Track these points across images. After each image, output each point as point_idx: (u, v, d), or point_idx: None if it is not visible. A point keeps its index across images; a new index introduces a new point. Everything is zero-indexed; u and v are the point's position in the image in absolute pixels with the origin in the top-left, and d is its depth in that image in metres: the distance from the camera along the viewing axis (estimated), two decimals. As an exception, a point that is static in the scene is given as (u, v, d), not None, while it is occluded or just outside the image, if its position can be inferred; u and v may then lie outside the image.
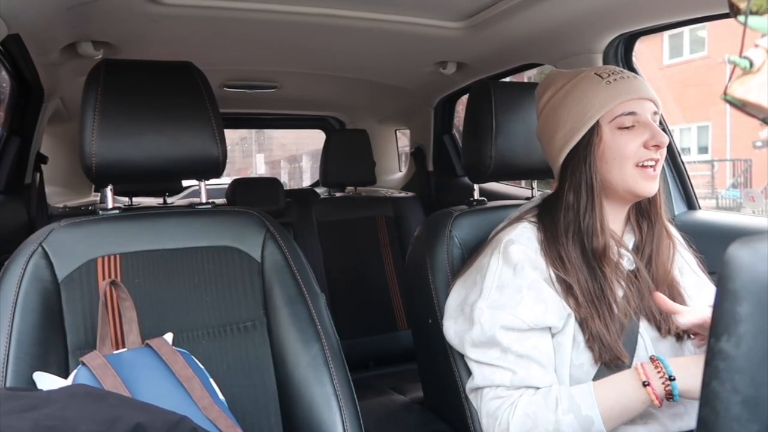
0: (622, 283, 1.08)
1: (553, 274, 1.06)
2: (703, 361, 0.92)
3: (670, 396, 0.95)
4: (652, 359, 0.97)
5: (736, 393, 0.42)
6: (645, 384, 0.95)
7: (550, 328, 1.05)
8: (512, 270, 1.07)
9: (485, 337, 1.05)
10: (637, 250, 1.14)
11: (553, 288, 1.06)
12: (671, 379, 0.94)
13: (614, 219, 1.13)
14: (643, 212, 1.16)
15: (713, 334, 0.44)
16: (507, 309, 1.04)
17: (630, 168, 1.06)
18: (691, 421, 1.05)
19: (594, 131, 1.08)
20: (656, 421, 1.04)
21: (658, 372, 0.95)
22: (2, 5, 1.21)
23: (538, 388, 1.03)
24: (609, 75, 1.10)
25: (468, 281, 1.17)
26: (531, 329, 1.03)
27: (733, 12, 0.59)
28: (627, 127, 1.07)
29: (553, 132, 1.14)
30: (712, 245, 1.09)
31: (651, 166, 1.06)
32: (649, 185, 1.07)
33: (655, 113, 1.10)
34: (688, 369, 0.95)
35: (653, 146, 1.05)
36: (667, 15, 1.46)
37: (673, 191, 1.74)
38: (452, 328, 1.16)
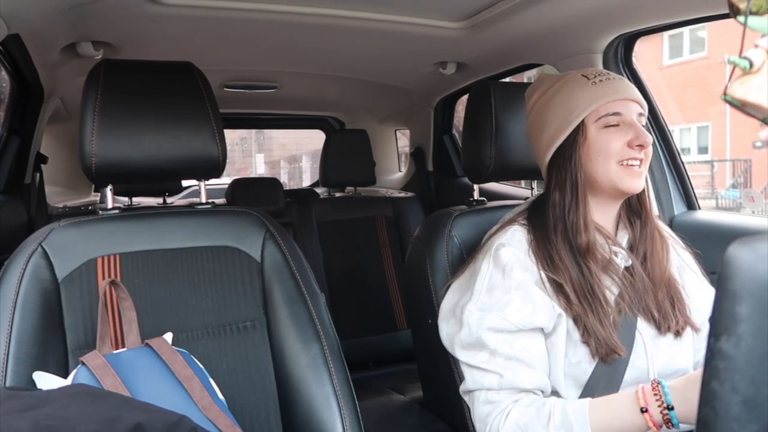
0: (617, 280, 1.09)
1: (543, 275, 1.07)
2: (699, 381, 0.91)
3: (669, 423, 0.92)
4: (653, 383, 0.95)
5: (736, 393, 0.42)
6: (643, 410, 0.93)
7: (542, 329, 1.05)
8: (501, 272, 1.07)
9: (473, 339, 1.06)
10: (632, 248, 1.14)
11: (544, 289, 1.06)
12: (669, 408, 0.92)
13: (604, 217, 1.14)
14: (633, 212, 1.17)
15: (713, 334, 0.44)
16: (495, 311, 1.04)
17: (613, 165, 1.07)
18: (691, 422, 1.06)
19: (579, 130, 1.09)
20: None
21: (657, 398, 0.93)
22: (2, 5, 1.21)
23: (526, 391, 1.02)
24: (595, 76, 1.12)
25: (462, 284, 1.17)
26: (519, 330, 1.03)
27: (733, 12, 0.59)
28: (612, 126, 1.08)
29: (540, 132, 1.16)
30: (712, 245, 1.09)
31: (635, 165, 1.07)
32: (634, 182, 1.08)
33: (641, 115, 1.11)
34: (684, 393, 0.92)
35: (637, 146, 1.06)
36: (667, 15, 1.46)
37: (672, 191, 1.74)
38: (445, 330, 1.16)
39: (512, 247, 1.09)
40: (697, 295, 1.15)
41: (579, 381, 1.05)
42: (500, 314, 1.04)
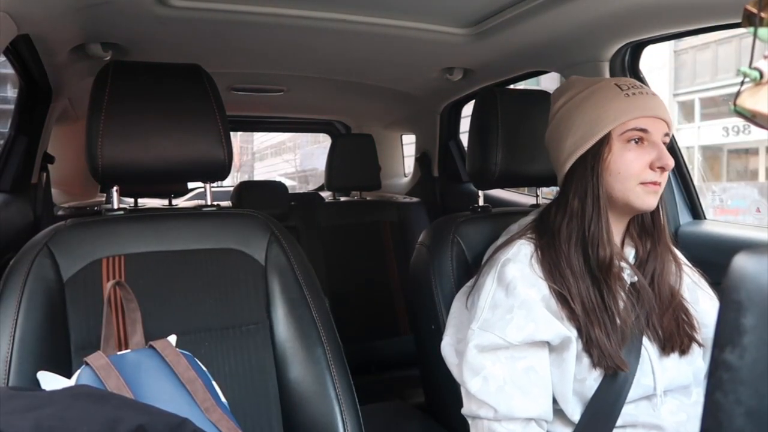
0: (623, 295, 1.07)
1: (551, 289, 1.05)
2: None
3: None
4: None
5: (740, 404, 0.42)
6: None
7: (548, 343, 1.04)
8: (505, 290, 1.06)
9: (471, 357, 1.05)
10: (640, 265, 1.12)
11: (553, 302, 1.05)
12: None
13: (614, 230, 1.12)
14: (646, 230, 1.14)
15: (717, 345, 0.44)
16: (496, 329, 1.03)
17: (633, 185, 1.05)
18: (694, 430, 1.05)
19: (604, 141, 1.06)
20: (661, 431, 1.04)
21: None
22: (12, 6, 1.21)
23: (526, 420, 1.02)
24: (629, 88, 1.08)
25: (468, 302, 1.17)
26: (519, 348, 1.02)
27: (747, 21, 0.59)
28: (636, 143, 1.06)
29: (564, 137, 1.12)
30: (717, 255, 1.09)
31: (653, 186, 1.06)
32: (649, 200, 1.06)
33: (666, 134, 1.08)
34: None
35: (658, 167, 1.04)
36: (675, 24, 1.46)
37: (678, 201, 1.73)
38: (447, 348, 1.16)
39: (518, 263, 1.07)
40: (710, 312, 1.13)
41: (583, 397, 1.04)
42: (501, 334, 1.02)
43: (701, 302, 1.14)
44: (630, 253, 1.14)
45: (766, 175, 12.88)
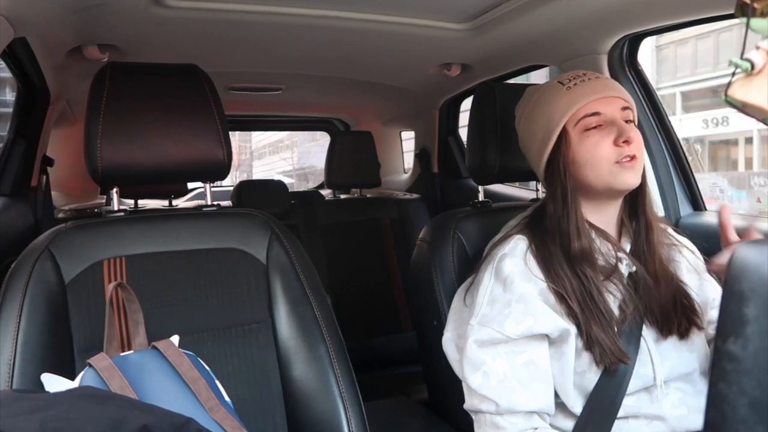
0: (621, 287, 1.07)
1: (547, 285, 1.06)
2: None
3: None
4: None
5: (743, 395, 0.42)
6: None
7: (547, 336, 1.04)
8: (503, 285, 1.06)
9: (471, 352, 1.05)
10: (635, 252, 1.13)
11: (551, 297, 1.05)
12: None
13: (603, 219, 1.13)
14: (634, 210, 1.15)
15: (720, 336, 0.44)
16: (494, 324, 1.04)
17: (606, 167, 1.05)
18: (696, 422, 1.05)
19: (562, 138, 1.08)
20: (662, 422, 1.04)
21: None
22: (8, 9, 1.21)
23: (528, 413, 1.02)
24: (570, 80, 1.11)
25: (467, 298, 1.17)
26: (518, 343, 1.03)
27: (740, 12, 0.59)
28: (594, 129, 1.07)
29: (530, 146, 1.17)
30: (719, 247, 1.09)
31: (627, 161, 1.05)
32: (628, 177, 1.06)
33: (626, 109, 1.09)
34: None
35: (623, 143, 1.04)
36: (672, 16, 1.46)
37: (678, 192, 1.73)
38: (448, 343, 1.17)
39: (515, 258, 1.08)
40: (700, 295, 1.14)
41: (584, 390, 1.04)
42: (499, 329, 1.03)
43: (691, 285, 1.14)
44: (627, 244, 1.14)
45: (744, 164, 13.02)
